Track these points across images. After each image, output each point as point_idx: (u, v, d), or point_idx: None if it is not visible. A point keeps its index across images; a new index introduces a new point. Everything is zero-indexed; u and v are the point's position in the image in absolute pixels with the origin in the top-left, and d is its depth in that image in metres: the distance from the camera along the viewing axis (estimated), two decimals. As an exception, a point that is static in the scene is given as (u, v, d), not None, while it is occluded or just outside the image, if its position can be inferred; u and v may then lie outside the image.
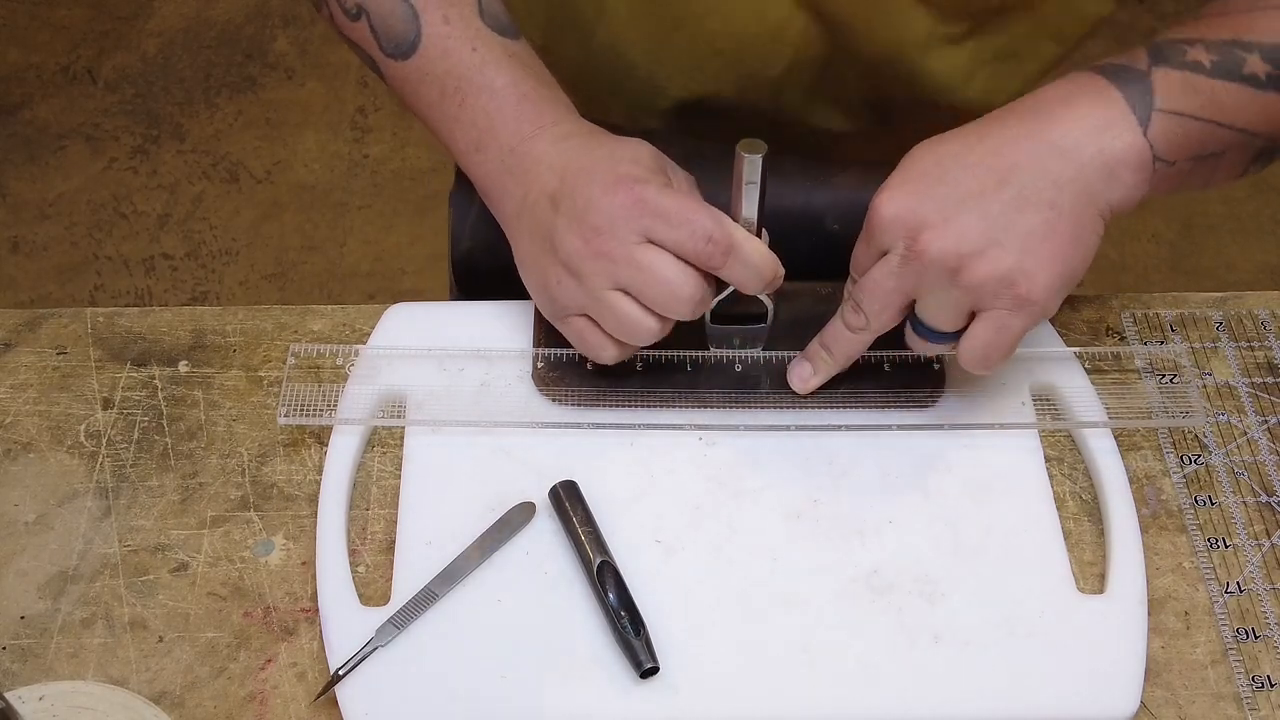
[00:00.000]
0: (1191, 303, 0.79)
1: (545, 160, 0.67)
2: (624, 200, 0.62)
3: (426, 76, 0.71)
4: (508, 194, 0.69)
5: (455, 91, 0.70)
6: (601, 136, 0.68)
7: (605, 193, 0.63)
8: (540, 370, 0.71)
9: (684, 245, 0.62)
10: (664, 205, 0.62)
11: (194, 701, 0.62)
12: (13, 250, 1.98)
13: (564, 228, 0.64)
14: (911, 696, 0.60)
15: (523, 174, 0.68)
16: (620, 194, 0.63)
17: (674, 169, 0.67)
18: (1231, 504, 0.69)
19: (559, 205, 0.65)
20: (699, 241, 0.62)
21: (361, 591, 0.64)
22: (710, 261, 0.63)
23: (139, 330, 0.76)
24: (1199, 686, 0.63)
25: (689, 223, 0.62)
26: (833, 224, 0.73)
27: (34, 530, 0.67)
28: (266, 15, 2.33)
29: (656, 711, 0.60)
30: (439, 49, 0.71)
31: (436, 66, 0.71)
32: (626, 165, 0.64)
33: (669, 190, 0.63)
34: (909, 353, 0.71)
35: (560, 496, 0.66)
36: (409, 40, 0.71)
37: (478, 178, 0.71)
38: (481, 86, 0.70)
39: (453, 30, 0.70)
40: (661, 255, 0.63)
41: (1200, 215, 2.04)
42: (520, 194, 0.68)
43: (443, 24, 0.71)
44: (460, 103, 0.70)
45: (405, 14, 0.71)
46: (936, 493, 0.67)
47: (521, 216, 0.68)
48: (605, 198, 0.63)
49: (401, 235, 2.01)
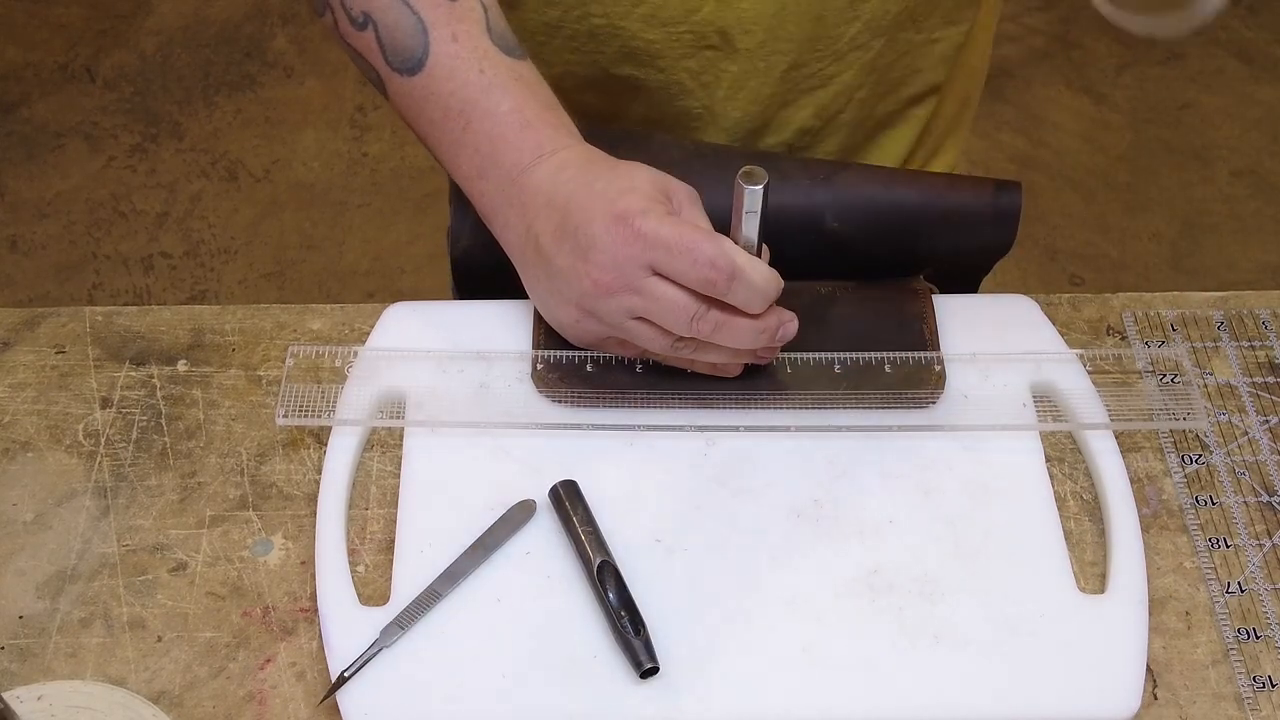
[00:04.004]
0: (1192, 302, 0.78)
1: (544, 193, 0.67)
2: (625, 237, 0.63)
3: (431, 95, 0.70)
4: (510, 225, 0.69)
5: (459, 114, 0.69)
6: (599, 167, 0.67)
7: (606, 231, 0.63)
8: (540, 370, 0.71)
9: (687, 275, 0.63)
10: (664, 237, 0.62)
11: (193, 701, 0.61)
12: (11, 249, 1.98)
13: (571, 270, 0.65)
14: (911, 696, 0.60)
15: (522, 207, 0.68)
16: (621, 231, 0.63)
17: (675, 187, 0.67)
18: (1232, 504, 0.69)
19: (562, 245, 0.65)
20: (702, 269, 0.62)
21: (361, 591, 0.64)
22: (714, 289, 0.63)
23: (138, 329, 0.76)
24: (1200, 686, 0.62)
25: (689, 252, 0.62)
26: (833, 222, 0.73)
27: (32, 530, 0.67)
28: (265, 14, 2.33)
29: (656, 711, 0.60)
30: (446, 68, 0.70)
31: (442, 86, 0.70)
32: (625, 199, 0.64)
33: (669, 219, 0.63)
34: (910, 354, 0.71)
35: (560, 496, 0.66)
36: (416, 56, 0.70)
37: (480, 205, 0.71)
38: (486, 111, 0.69)
39: (460, 49, 0.70)
40: (669, 286, 0.63)
41: (1201, 214, 2.04)
42: (522, 227, 0.68)
43: (451, 41, 0.70)
44: (465, 126, 0.69)
45: (414, 27, 0.70)
46: (937, 493, 0.67)
47: (526, 251, 0.69)
48: (606, 236, 0.63)
49: (401, 234, 2.01)
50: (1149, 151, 2.13)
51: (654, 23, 0.78)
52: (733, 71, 0.80)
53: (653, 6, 0.77)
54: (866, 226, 0.73)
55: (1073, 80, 2.24)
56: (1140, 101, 2.21)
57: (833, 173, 0.74)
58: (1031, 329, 0.74)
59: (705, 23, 0.78)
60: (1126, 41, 2.23)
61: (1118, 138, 2.15)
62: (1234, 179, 2.09)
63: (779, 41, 0.79)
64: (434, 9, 0.70)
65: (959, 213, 0.73)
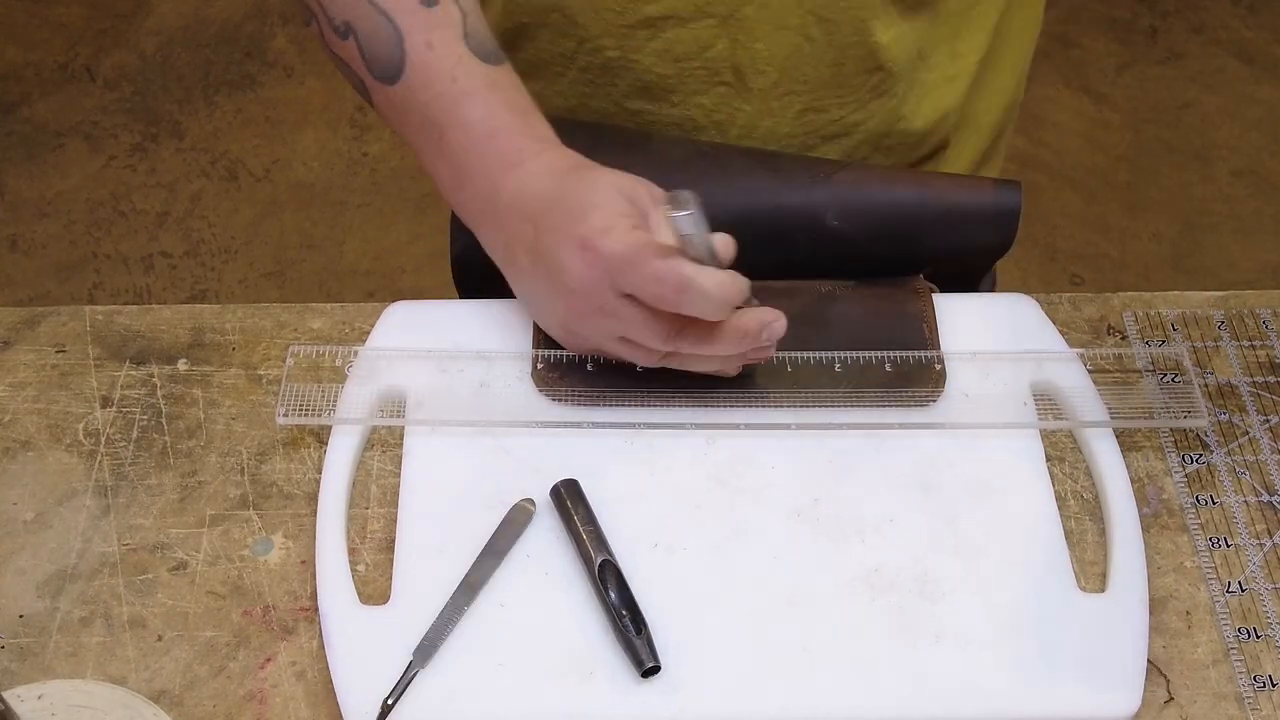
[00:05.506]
0: (1193, 302, 0.78)
1: (515, 209, 0.67)
2: (590, 262, 0.63)
3: (411, 105, 0.70)
4: (490, 237, 0.70)
5: (435, 125, 0.69)
6: (566, 181, 0.66)
7: (572, 257, 0.64)
8: (540, 369, 0.71)
9: (642, 291, 0.63)
10: (618, 256, 0.62)
11: (193, 700, 0.61)
12: (11, 248, 1.98)
13: (548, 293, 0.67)
14: (911, 695, 0.60)
15: (498, 222, 0.68)
16: (586, 257, 0.63)
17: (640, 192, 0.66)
18: (1233, 503, 0.69)
19: (538, 267, 0.66)
20: (649, 285, 0.62)
21: (361, 590, 0.64)
22: (664, 304, 0.63)
23: (138, 328, 0.76)
24: (1200, 686, 0.62)
25: (638, 269, 0.62)
26: (833, 221, 0.73)
27: (33, 529, 0.67)
28: (265, 13, 2.32)
29: (657, 711, 0.60)
30: (421, 77, 0.69)
31: (418, 96, 0.69)
32: (589, 219, 0.63)
33: (628, 235, 0.63)
34: (910, 352, 0.71)
35: (561, 495, 0.66)
36: (394, 64, 0.70)
37: (462, 215, 0.72)
38: (458, 121, 0.69)
39: (435, 57, 0.69)
40: (638, 308, 0.64)
41: (1201, 214, 2.04)
42: (502, 241, 0.69)
43: (426, 50, 0.69)
44: (440, 137, 0.69)
45: (390, 36, 0.69)
46: (937, 491, 0.67)
47: (508, 265, 0.69)
48: (573, 262, 0.64)
49: (401, 233, 2.01)
50: (1149, 151, 2.13)
51: (667, 58, 0.78)
52: (747, 111, 0.80)
53: (666, 41, 0.77)
54: (867, 225, 0.73)
55: (1072, 80, 2.24)
56: (1140, 101, 2.21)
57: (833, 172, 0.74)
58: (1032, 328, 0.74)
59: (719, 59, 0.78)
60: (1126, 41, 2.23)
61: (1118, 137, 2.15)
62: (1234, 179, 2.09)
63: (794, 83, 0.78)
64: (410, 16, 0.69)
65: (959, 212, 0.73)
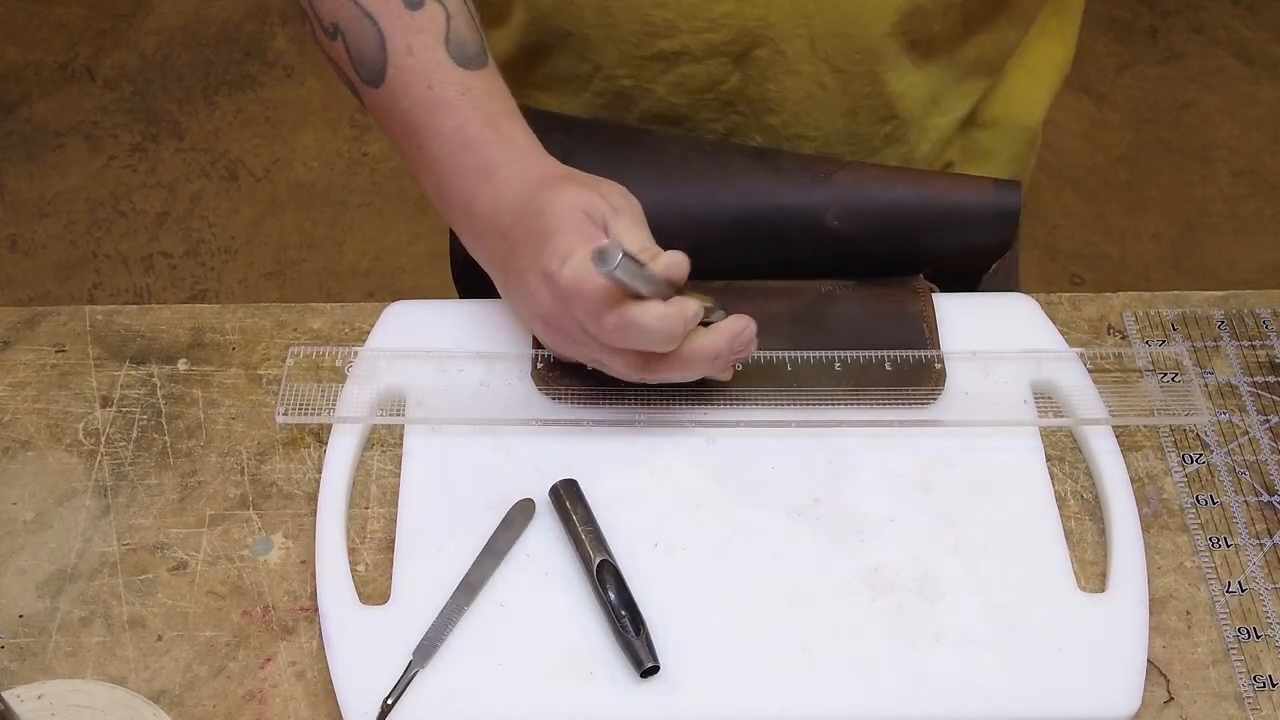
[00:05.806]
0: (1193, 301, 0.78)
1: (490, 224, 0.67)
2: (552, 294, 0.63)
3: (393, 109, 0.70)
4: (472, 246, 0.70)
5: (415, 131, 0.69)
6: (537, 197, 0.65)
7: (538, 286, 0.64)
8: (540, 369, 0.71)
9: (590, 329, 0.63)
10: (569, 291, 0.62)
11: (193, 700, 0.61)
12: (11, 248, 1.98)
13: (526, 314, 0.67)
14: (911, 696, 0.60)
15: (475, 235, 0.69)
16: (548, 287, 0.63)
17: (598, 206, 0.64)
18: (1233, 503, 0.69)
19: (511, 290, 0.67)
20: (593, 325, 0.62)
21: (361, 590, 0.64)
22: (608, 340, 0.63)
23: (138, 328, 0.76)
24: (1200, 686, 0.62)
25: (583, 305, 0.62)
26: (833, 221, 0.73)
27: (32, 529, 0.67)
28: (265, 13, 2.32)
29: (657, 711, 0.60)
30: (402, 82, 0.69)
31: (400, 101, 0.69)
32: (550, 245, 0.62)
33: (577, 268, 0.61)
34: (910, 351, 0.71)
35: (560, 495, 0.66)
36: (379, 67, 0.69)
37: (447, 222, 0.71)
38: (433, 130, 0.68)
39: (414, 62, 0.69)
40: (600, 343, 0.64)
41: (1201, 214, 2.04)
42: (484, 255, 0.69)
43: (406, 54, 0.69)
44: (419, 145, 0.69)
45: (374, 38, 0.69)
46: (937, 491, 0.67)
47: (493, 274, 0.70)
48: (539, 291, 0.64)
49: (400, 233, 2.01)
50: (1149, 151, 2.13)
51: (681, 90, 0.78)
52: (759, 141, 0.80)
53: (680, 75, 0.78)
54: (867, 225, 0.73)
55: (1072, 80, 2.23)
56: (1140, 101, 2.21)
57: (833, 171, 0.74)
58: (1032, 328, 0.74)
59: (732, 92, 0.78)
60: (1126, 41, 2.23)
61: (1118, 137, 2.15)
62: (1234, 179, 2.09)
63: (805, 128, 0.79)
64: (393, 19, 0.69)
65: (959, 212, 0.73)
